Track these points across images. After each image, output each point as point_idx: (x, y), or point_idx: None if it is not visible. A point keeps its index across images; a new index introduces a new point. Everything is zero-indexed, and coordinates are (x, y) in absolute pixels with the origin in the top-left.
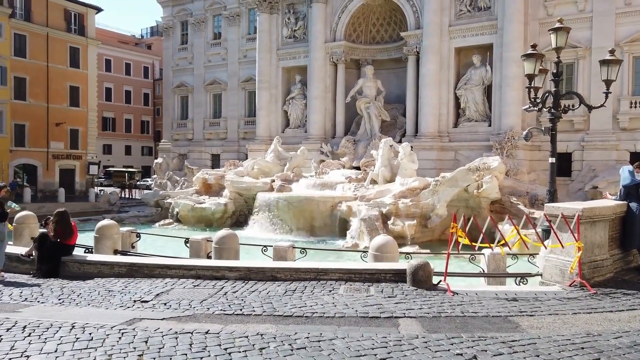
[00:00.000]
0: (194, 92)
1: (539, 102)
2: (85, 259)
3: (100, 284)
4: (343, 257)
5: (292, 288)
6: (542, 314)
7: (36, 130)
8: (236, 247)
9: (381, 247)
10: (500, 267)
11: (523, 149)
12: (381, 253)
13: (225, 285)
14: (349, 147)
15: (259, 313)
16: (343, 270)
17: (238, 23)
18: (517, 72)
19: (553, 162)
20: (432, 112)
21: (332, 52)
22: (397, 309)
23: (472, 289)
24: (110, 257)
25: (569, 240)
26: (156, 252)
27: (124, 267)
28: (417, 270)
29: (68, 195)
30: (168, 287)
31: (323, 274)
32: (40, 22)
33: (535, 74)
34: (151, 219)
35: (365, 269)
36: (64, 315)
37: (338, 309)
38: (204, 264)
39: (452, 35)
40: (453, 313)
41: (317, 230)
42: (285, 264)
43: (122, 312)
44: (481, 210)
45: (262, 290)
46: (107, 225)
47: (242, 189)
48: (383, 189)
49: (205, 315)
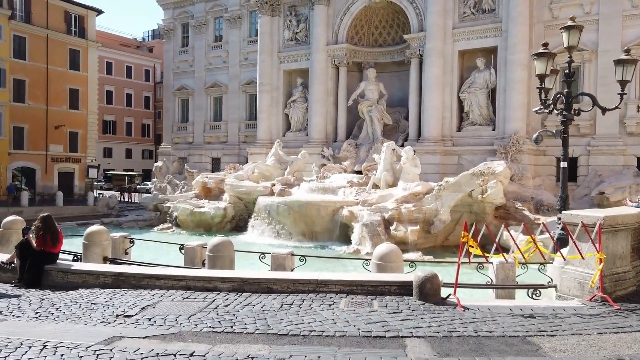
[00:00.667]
0: (195, 95)
1: (550, 104)
2: (70, 268)
3: (83, 295)
4: (345, 265)
5: (289, 301)
6: (564, 334)
7: (35, 133)
8: (231, 255)
9: (385, 256)
10: (509, 277)
11: (528, 154)
12: (385, 262)
13: (217, 298)
14: (351, 151)
15: (251, 331)
16: (344, 282)
17: (239, 25)
18: (522, 76)
19: (564, 166)
20: (435, 116)
21: (334, 54)
22: (404, 327)
23: (484, 304)
24: (95, 266)
25: (589, 251)
26: (150, 259)
27: (110, 277)
28: (425, 283)
29: (67, 198)
30: (155, 299)
31: (322, 285)
32: (40, 24)
33: (547, 74)
34: (150, 223)
35: (367, 281)
36: (38, 333)
37: (338, 327)
38: (195, 274)
39: (456, 37)
40: (465, 332)
41: (318, 235)
42: (282, 275)
43: (102, 329)
44: (485, 215)
45: (256, 304)
46: (96, 231)
47: (242, 193)
48: (385, 194)
49: (192, 334)
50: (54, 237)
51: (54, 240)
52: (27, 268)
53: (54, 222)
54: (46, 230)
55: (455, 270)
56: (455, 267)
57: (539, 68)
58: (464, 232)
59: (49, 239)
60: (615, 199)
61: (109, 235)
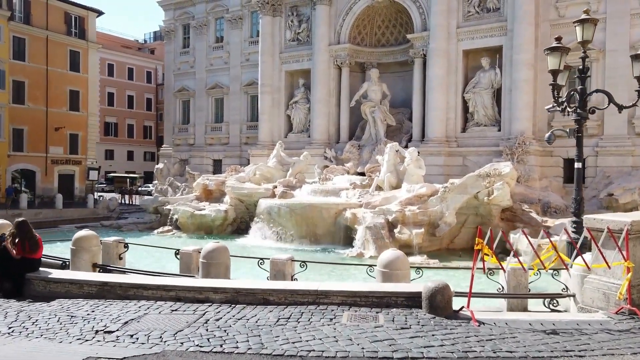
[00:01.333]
0: (196, 96)
1: (563, 102)
2: (52, 276)
3: (64, 307)
4: (348, 271)
5: (286, 315)
6: (594, 355)
7: (35, 135)
8: (226, 262)
9: (390, 264)
10: (521, 284)
11: (534, 155)
12: (390, 270)
13: (208, 311)
14: (354, 153)
15: (242, 350)
16: (346, 293)
17: (240, 26)
18: (528, 75)
19: (579, 167)
20: (439, 117)
21: (336, 55)
22: (414, 347)
23: (500, 317)
24: (79, 274)
25: (615, 259)
26: (145, 264)
27: (94, 287)
28: (435, 295)
29: (67, 201)
30: (141, 312)
31: (323, 296)
32: (40, 25)
33: (560, 69)
34: (150, 226)
35: (372, 292)
36: (5, 352)
37: (340, 346)
38: (185, 284)
39: (460, 37)
40: (483, 352)
41: (320, 238)
42: (280, 285)
43: (76, 348)
44: (492, 218)
45: (250, 318)
46: (85, 237)
47: (243, 195)
48: (389, 196)
49: (176, 354)
50: (32, 242)
51: (32, 246)
52: (7, 277)
53: (30, 227)
54: (23, 236)
55: (468, 279)
56: (465, 273)
57: (552, 63)
58: (478, 239)
59: (27, 245)
60: (624, 200)
61: (99, 241)
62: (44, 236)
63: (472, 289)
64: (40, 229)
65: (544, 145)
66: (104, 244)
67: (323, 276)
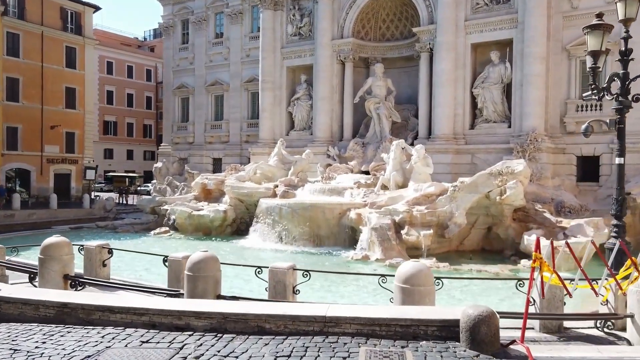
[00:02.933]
0: (195, 93)
1: (602, 88)
2: (1, 294)
3: (11, 335)
4: (358, 282)
5: (286, 351)
6: None
7: (30, 134)
8: (216, 274)
9: (412, 278)
10: (556, 297)
11: (546, 152)
12: (411, 286)
13: (188, 343)
14: (358, 150)
15: None
16: (362, 320)
17: (240, 21)
18: (540, 70)
19: (621, 162)
20: (446, 113)
21: (339, 49)
22: None
23: (559, 354)
24: (33, 292)
25: None
26: (131, 272)
27: (52, 309)
28: (478, 326)
29: (63, 201)
30: (104, 343)
31: (333, 324)
32: (35, 21)
33: (602, 50)
34: (147, 227)
35: (395, 319)
36: None
37: None
38: (162, 307)
39: (469, 30)
40: None
41: (323, 239)
42: (278, 309)
43: None
44: (503, 218)
45: (240, 354)
46: (54, 244)
47: (243, 195)
48: (395, 195)
49: None
50: None
51: None
52: None
53: None
54: None
55: (493, 288)
56: (488, 283)
57: (593, 44)
58: (535, 254)
59: None
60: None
61: (72, 248)
62: (30, 239)
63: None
64: (33, 229)
65: (556, 142)
66: (86, 250)
67: (329, 287)
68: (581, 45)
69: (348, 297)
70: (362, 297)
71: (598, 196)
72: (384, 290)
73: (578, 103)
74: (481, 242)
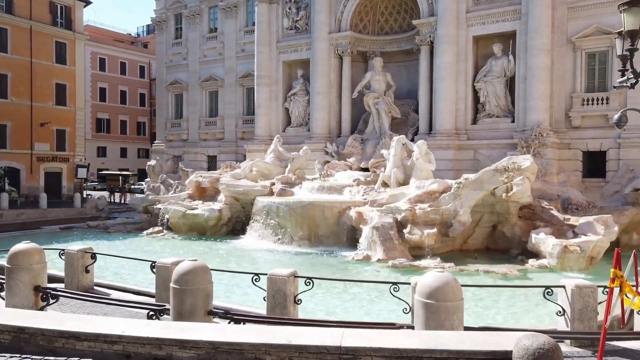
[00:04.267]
0: (189, 89)
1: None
2: None
3: None
4: (369, 293)
5: None
6: None
7: (19, 131)
8: (207, 287)
9: (437, 292)
10: (589, 306)
11: (552, 147)
12: (436, 302)
13: None
14: (356, 147)
15: None
16: (387, 352)
17: (235, 15)
18: (545, 62)
19: None
20: (447, 108)
21: (337, 43)
22: None
23: None
24: None
25: None
26: (118, 277)
27: (7, 334)
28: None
29: (54, 200)
30: None
31: (349, 356)
32: (24, 15)
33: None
34: (140, 227)
35: (427, 350)
36: None
37: None
38: (139, 334)
39: (470, 22)
40: None
41: (323, 239)
42: (280, 337)
43: None
44: (509, 216)
45: None
46: (24, 251)
47: (238, 193)
48: (397, 193)
49: None
50: None
51: None
52: None
53: None
54: None
55: (510, 297)
56: (505, 291)
57: (630, 23)
58: (614, 271)
59: None
60: None
61: (43, 255)
62: (18, 240)
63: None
64: (22, 230)
65: (561, 137)
66: (67, 255)
67: (333, 291)
68: (587, 37)
69: (355, 305)
70: (372, 305)
71: (604, 192)
72: (401, 302)
73: (584, 97)
74: (485, 241)
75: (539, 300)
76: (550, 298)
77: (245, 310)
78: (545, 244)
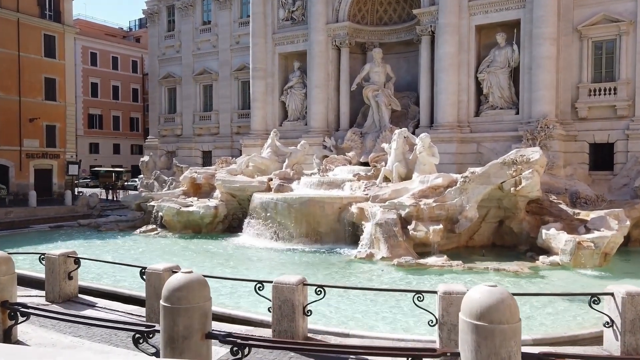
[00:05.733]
0: (182, 83)
1: None
2: None
3: None
4: (388, 302)
5: None
6: None
7: (7, 127)
8: (204, 305)
9: (490, 312)
10: None
11: (558, 140)
12: (490, 324)
13: None
14: (356, 141)
15: None
16: None
17: (229, 6)
18: (550, 52)
19: None
20: (450, 100)
21: (334, 34)
22: None
23: None
24: None
25: None
26: (108, 280)
27: None
28: None
29: (45, 198)
30: None
31: None
32: (10, 7)
33: None
34: (133, 225)
35: None
36: None
37: None
38: None
39: (473, 11)
40: None
41: (323, 236)
42: None
43: None
44: (517, 211)
45: None
46: None
47: (234, 190)
48: (399, 188)
49: None
50: None
51: None
52: None
53: None
54: None
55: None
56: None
57: None
58: None
59: None
60: None
61: (12, 266)
62: (5, 240)
63: None
64: (10, 229)
65: (568, 129)
66: (47, 260)
67: (343, 294)
68: (593, 25)
69: (370, 311)
70: (392, 312)
71: (612, 185)
72: (425, 313)
73: (590, 87)
74: (492, 237)
75: (579, 304)
76: (597, 307)
77: (249, 332)
78: (557, 240)
